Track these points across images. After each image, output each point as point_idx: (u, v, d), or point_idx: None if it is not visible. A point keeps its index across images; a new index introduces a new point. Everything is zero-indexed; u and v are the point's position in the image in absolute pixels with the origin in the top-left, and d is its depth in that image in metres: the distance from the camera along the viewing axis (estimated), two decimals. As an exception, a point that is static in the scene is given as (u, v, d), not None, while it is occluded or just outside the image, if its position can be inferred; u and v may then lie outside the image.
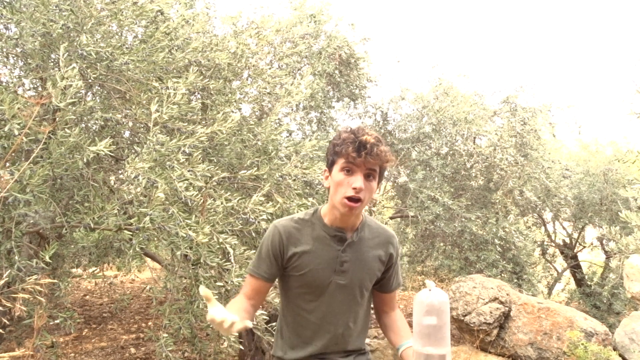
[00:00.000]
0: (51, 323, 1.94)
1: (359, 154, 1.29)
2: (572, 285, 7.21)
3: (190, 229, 2.03)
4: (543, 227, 7.20)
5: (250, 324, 1.22)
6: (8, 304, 1.60)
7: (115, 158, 2.82)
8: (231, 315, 1.17)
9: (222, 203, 2.30)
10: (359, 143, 1.30)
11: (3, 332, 1.76)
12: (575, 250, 7.02)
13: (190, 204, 2.23)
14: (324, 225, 1.42)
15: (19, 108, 1.77)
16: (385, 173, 1.45)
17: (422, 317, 1.23)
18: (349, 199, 1.31)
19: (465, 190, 5.29)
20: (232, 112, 2.88)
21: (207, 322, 1.26)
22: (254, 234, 2.62)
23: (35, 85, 2.66)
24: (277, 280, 1.48)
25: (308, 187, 3.31)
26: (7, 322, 1.82)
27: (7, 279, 1.71)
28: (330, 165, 1.38)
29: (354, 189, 1.30)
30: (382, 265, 1.46)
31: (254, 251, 2.45)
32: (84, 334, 4.80)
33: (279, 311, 1.53)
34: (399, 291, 1.46)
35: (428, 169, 4.95)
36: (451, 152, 5.12)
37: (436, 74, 5.49)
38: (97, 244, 2.80)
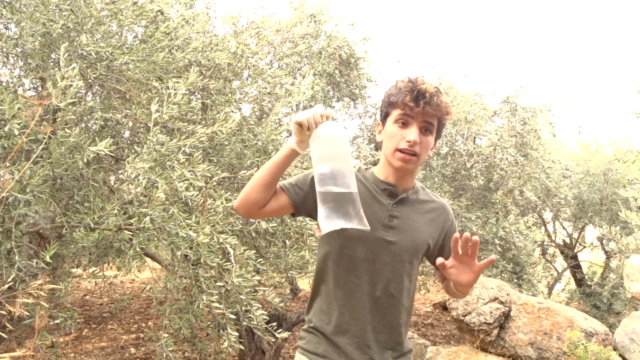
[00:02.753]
0: (51, 323, 1.93)
1: (417, 104, 1.19)
2: (572, 285, 7.22)
3: (190, 229, 2.03)
4: (543, 227, 7.21)
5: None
6: (11, 308, 1.60)
7: (115, 158, 2.82)
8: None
9: (222, 203, 2.30)
10: (417, 92, 1.19)
11: (3, 333, 1.76)
12: (575, 250, 7.02)
13: (190, 204, 2.23)
14: (374, 179, 1.32)
15: (19, 108, 1.77)
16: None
17: (314, 161, 1.16)
18: (402, 151, 1.22)
19: (465, 190, 5.29)
20: (232, 112, 2.88)
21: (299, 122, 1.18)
22: (254, 234, 2.62)
23: (35, 85, 2.66)
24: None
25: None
26: (7, 325, 1.82)
27: (10, 283, 1.71)
28: (384, 118, 1.28)
29: (408, 142, 1.20)
30: (436, 233, 1.34)
31: (254, 251, 2.45)
32: (84, 334, 4.80)
33: (314, 279, 1.39)
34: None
35: (428, 169, 4.95)
36: (451, 152, 5.12)
37: (436, 74, 5.50)
38: (97, 244, 2.80)
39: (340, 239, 1.28)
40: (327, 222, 1.13)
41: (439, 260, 1.18)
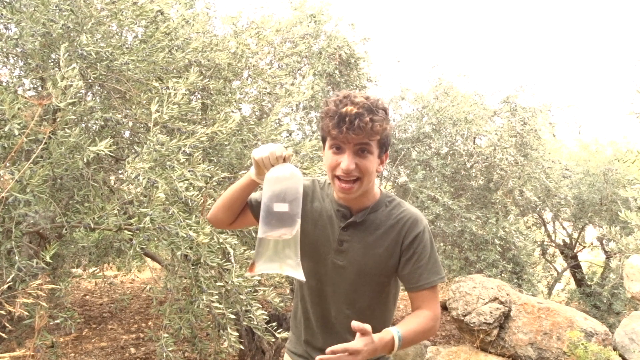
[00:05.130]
0: (51, 323, 1.93)
1: (340, 130, 1.10)
2: (572, 285, 7.21)
3: (190, 229, 2.03)
4: (543, 227, 7.20)
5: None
6: (10, 308, 1.60)
7: (115, 158, 2.82)
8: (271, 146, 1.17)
9: (222, 203, 2.29)
10: (338, 117, 1.10)
11: (3, 333, 1.76)
12: (575, 250, 7.01)
13: (190, 204, 2.23)
14: (332, 198, 1.29)
15: (19, 108, 1.77)
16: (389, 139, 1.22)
17: (262, 200, 1.15)
18: (339, 178, 1.16)
19: (465, 190, 5.29)
20: (232, 112, 2.88)
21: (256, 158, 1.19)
22: (254, 234, 2.63)
23: (35, 85, 2.66)
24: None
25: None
26: (7, 325, 1.81)
27: (10, 282, 1.71)
28: (323, 142, 1.22)
29: (343, 169, 1.14)
30: (395, 253, 1.23)
31: (254, 251, 2.45)
32: (84, 334, 4.80)
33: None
34: (430, 292, 1.24)
35: (428, 169, 4.95)
36: (451, 152, 5.12)
37: (436, 74, 5.50)
38: (97, 244, 2.81)
39: (302, 255, 1.26)
40: (261, 264, 1.13)
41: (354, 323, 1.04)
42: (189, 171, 2.11)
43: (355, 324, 1.04)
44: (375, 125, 1.11)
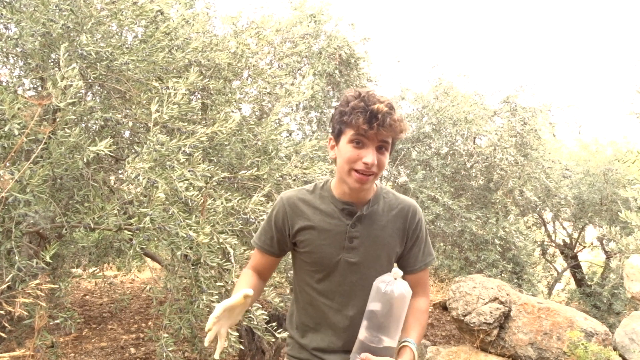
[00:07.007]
0: (51, 323, 1.93)
1: (371, 126, 1.15)
2: (572, 285, 7.21)
3: (190, 229, 2.03)
4: (543, 227, 7.20)
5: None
6: (10, 308, 1.60)
7: (115, 158, 2.82)
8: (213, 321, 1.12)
9: (222, 203, 2.30)
10: (370, 113, 1.15)
11: (3, 333, 1.76)
12: (575, 250, 7.01)
13: (190, 204, 2.23)
14: (332, 197, 1.30)
15: (19, 108, 1.77)
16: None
17: (370, 301, 1.18)
18: (359, 172, 1.19)
19: (465, 190, 5.29)
20: (232, 112, 2.88)
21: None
22: (254, 234, 2.62)
23: (35, 85, 2.66)
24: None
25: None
26: (7, 325, 1.82)
27: (9, 282, 1.71)
28: (337, 135, 1.23)
29: (365, 164, 1.17)
30: (402, 240, 1.31)
31: (254, 251, 2.44)
32: (84, 334, 4.80)
33: (293, 295, 1.43)
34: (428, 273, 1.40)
35: (428, 169, 4.95)
36: (451, 152, 5.12)
37: (436, 74, 5.49)
38: (97, 244, 2.80)
39: (306, 265, 1.31)
40: None
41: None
42: (189, 171, 2.11)
43: None
44: (402, 124, 1.19)
